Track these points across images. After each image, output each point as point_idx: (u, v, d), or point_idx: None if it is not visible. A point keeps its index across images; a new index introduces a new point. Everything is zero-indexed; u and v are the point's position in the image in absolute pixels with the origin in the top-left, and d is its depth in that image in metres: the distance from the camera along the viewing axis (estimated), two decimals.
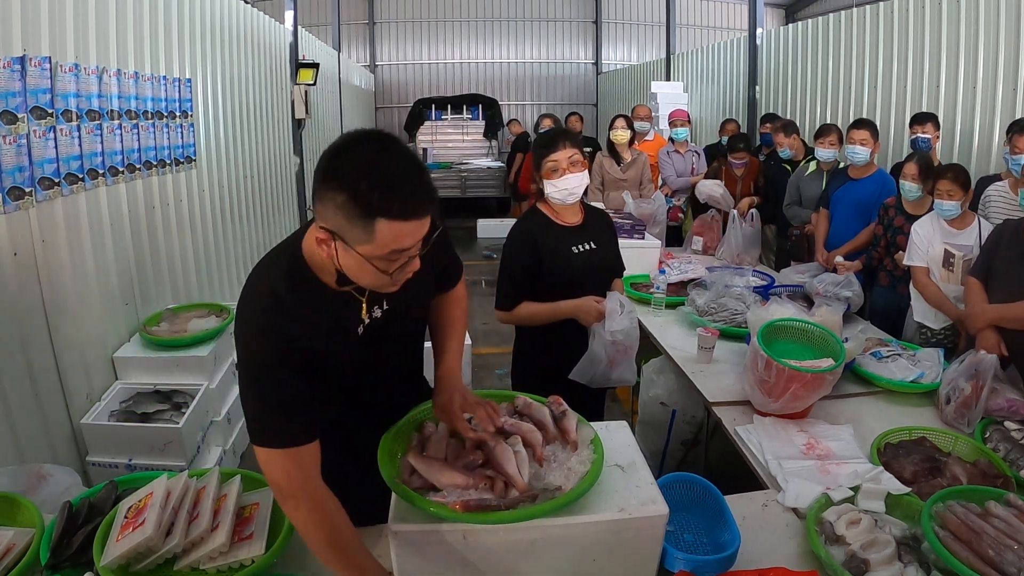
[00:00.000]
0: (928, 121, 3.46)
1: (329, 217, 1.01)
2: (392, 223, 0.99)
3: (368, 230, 0.99)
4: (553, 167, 1.99)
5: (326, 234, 1.03)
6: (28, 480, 1.93)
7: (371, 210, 0.97)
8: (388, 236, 1.00)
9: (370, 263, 1.03)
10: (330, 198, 0.99)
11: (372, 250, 1.01)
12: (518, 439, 1.24)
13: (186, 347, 2.89)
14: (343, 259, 1.05)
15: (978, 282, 2.35)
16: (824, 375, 1.86)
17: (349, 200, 0.97)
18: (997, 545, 1.25)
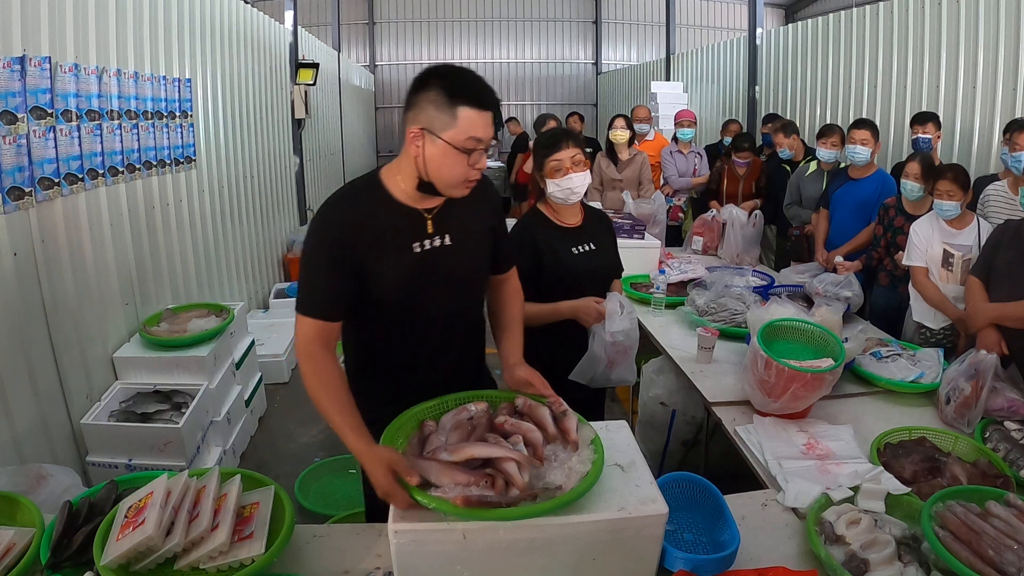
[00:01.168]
0: (929, 121, 3.46)
1: (421, 113, 1.27)
2: (470, 110, 1.25)
3: (452, 115, 1.25)
4: (556, 166, 1.99)
5: (417, 130, 1.27)
6: (28, 480, 1.93)
7: (456, 97, 1.24)
8: (467, 122, 1.25)
9: (453, 148, 1.26)
10: (422, 96, 1.27)
11: (455, 135, 1.26)
12: (519, 438, 1.24)
13: (186, 347, 2.89)
14: (428, 151, 1.28)
15: (979, 281, 2.35)
16: (824, 375, 1.86)
17: (438, 92, 1.25)
18: (997, 545, 1.25)
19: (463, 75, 1.28)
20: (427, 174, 1.31)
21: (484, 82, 1.29)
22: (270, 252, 5.44)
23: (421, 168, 1.31)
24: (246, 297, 4.68)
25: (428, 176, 1.32)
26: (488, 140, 1.29)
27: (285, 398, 3.90)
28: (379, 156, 13.02)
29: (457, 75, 1.28)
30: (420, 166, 1.31)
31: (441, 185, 1.33)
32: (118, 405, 2.68)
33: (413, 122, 1.29)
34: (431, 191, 1.35)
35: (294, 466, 3.03)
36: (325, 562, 1.37)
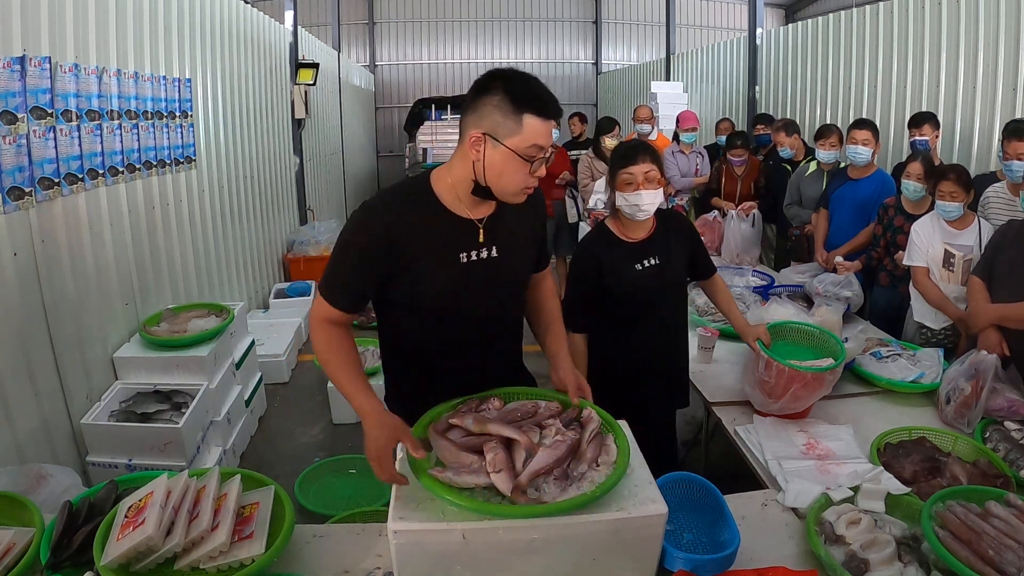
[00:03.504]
0: (925, 123, 3.45)
1: (484, 118, 1.26)
2: (536, 119, 1.24)
3: (518, 122, 1.24)
4: (628, 180, 1.92)
5: (479, 135, 1.26)
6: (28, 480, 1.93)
7: (522, 105, 1.24)
8: (531, 130, 1.24)
9: (516, 155, 1.25)
10: (487, 101, 1.25)
11: (519, 142, 1.25)
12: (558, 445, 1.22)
13: (186, 347, 2.89)
14: (490, 157, 1.27)
15: (981, 282, 2.35)
16: (824, 375, 1.86)
17: (505, 99, 1.24)
18: (997, 545, 1.25)
19: (529, 82, 1.27)
20: (486, 179, 1.30)
21: (548, 90, 1.29)
22: (270, 252, 5.44)
23: (480, 173, 1.30)
24: (246, 297, 4.68)
25: (487, 181, 1.30)
26: (548, 148, 1.29)
27: (285, 398, 3.90)
28: (379, 156, 13.02)
29: (523, 81, 1.27)
30: (479, 171, 1.29)
31: (499, 191, 1.32)
32: (118, 405, 2.68)
33: (474, 126, 1.27)
34: (487, 196, 1.34)
35: (294, 466, 3.03)
36: (325, 562, 1.37)
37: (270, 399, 3.78)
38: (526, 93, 1.25)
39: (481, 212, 1.39)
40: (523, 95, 1.24)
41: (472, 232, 1.38)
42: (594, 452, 1.24)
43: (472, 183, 1.32)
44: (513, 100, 1.24)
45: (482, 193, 1.33)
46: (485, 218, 1.39)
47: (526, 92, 1.25)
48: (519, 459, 1.19)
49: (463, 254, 1.37)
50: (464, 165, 1.32)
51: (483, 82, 1.28)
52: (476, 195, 1.34)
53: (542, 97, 1.26)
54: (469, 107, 1.29)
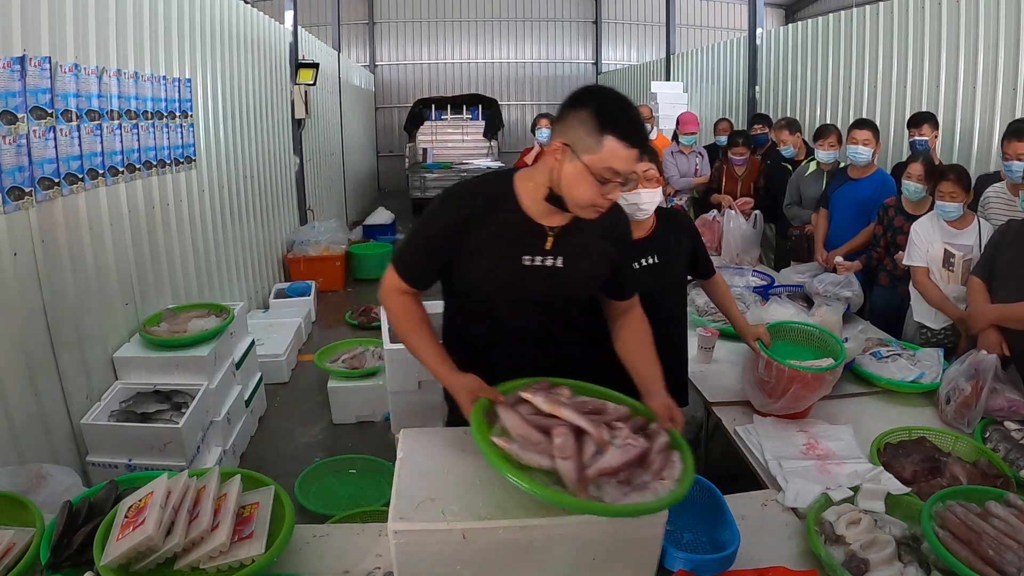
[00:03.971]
0: (924, 123, 3.45)
1: (567, 131, 1.27)
2: (617, 143, 1.24)
3: (598, 142, 1.24)
4: None
5: (560, 145, 1.28)
6: (28, 480, 1.93)
7: (605, 125, 1.23)
8: (610, 153, 1.24)
9: (589, 172, 1.25)
10: (573, 115, 1.27)
11: (595, 161, 1.25)
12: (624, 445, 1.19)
13: (186, 347, 2.89)
14: (566, 168, 1.28)
15: (980, 282, 2.35)
16: (824, 375, 1.86)
17: (591, 115, 1.24)
18: (997, 545, 1.25)
19: (620, 104, 1.28)
20: (559, 188, 1.32)
21: (639, 117, 1.29)
22: (270, 252, 5.44)
23: (555, 181, 1.32)
24: (246, 297, 4.68)
25: (559, 190, 1.32)
26: (627, 175, 1.28)
27: (285, 398, 3.90)
28: (379, 156, 13.03)
29: (614, 103, 1.27)
30: (554, 179, 1.32)
31: (570, 203, 1.33)
32: (118, 405, 2.68)
33: (559, 135, 1.30)
34: (559, 205, 1.35)
35: (294, 466, 3.03)
36: (325, 562, 1.37)
37: (270, 399, 3.78)
38: (614, 115, 1.25)
39: (555, 220, 1.40)
40: (610, 117, 1.24)
41: (541, 238, 1.40)
42: (660, 464, 1.19)
43: (547, 189, 1.35)
44: (599, 119, 1.24)
45: (555, 202, 1.35)
46: (558, 227, 1.41)
47: (614, 114, 1.25)
48: (587, 452, 1.16)
49: (527, 257, 1.40)
50: (543, 171, 1.34)
51: (578, 95, 1.29)
52: (549, 202, 1.36)
53: (630, 123, 1.26)
54: (560, 116, 1.31)
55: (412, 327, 1.44)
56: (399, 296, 1.46)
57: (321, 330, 5.04)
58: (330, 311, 5.43)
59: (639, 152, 1.27)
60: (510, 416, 1.22)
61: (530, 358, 1.48)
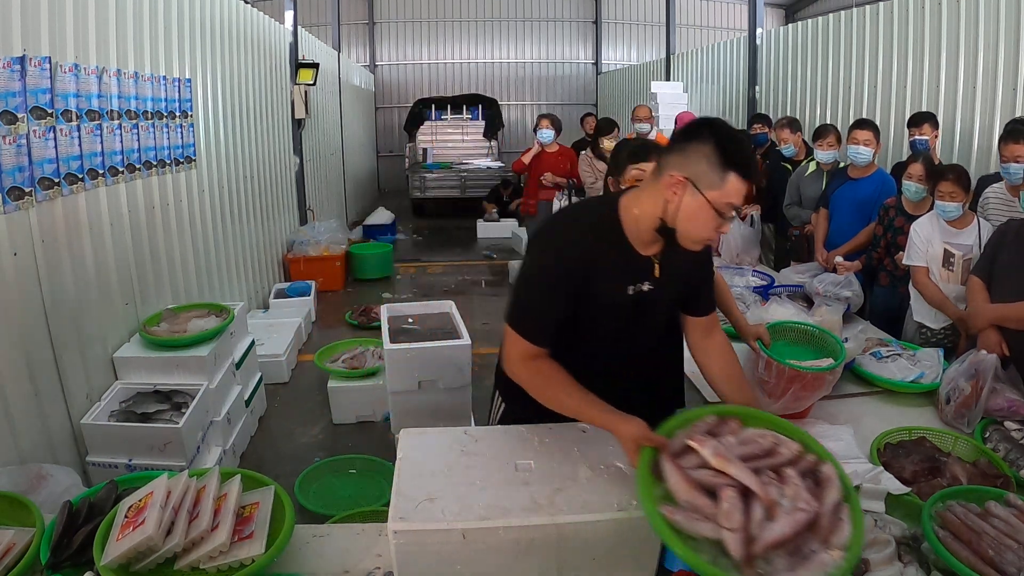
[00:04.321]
0: (925, 123, 3.46)
1: (689, 164, 1.27)
2: (739, 179, 1.26)
3: (722, 178, 1.26)
4: (639, 176, 1.94)
5: (681, 179, 1.27)
6: (28, 480, 1.93)
7: (730, 162, 1.25)
8: (732, 189, 1.26)
9: (712, 207, 1.27)
10: (695, 148, 1.27)
11: (718, 196, 1.26)
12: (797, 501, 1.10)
13: (186, 347, 2.89)
14: (686, 202, 1.28)
15: (980, 281, 2.35)
16: (824, 375, 1.86)
17: (715, 151, 1.25)
18: (997, 545, 1.24)
19: (740, 140, 1.30)
20: (674, 221, 1.31)
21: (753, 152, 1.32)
22: (270, 252, 5.44)
23: (670, 214, 1.31)
24: (246, 297, 4.68)
25: (674, 223, 1.32)
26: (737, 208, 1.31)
27: (285, 398, 3.90)
28: (379, 156, 13.03)
29: (734, 139, 1.29)
30: (670, 212, 1.31)
31: (683, 236, 1.33)
32: (118, 405, 2.68)
33: (678, 168, 1.28)
34: (668, 237, 1.36)
35: (294, 466, 3.03)
36: (325, 562, 1.37)
37: (270, 399, 3.78)
38: (736, 152, 1.27)
39: (655, 248, 1.41)
40: (733, 153, 1.26)
41: (648, 267, 1.41)
42: (829, 527, 1.08)
43: (658, 221, 1.34)
44: (723, 155, 1.25)
45: (665, 233, 1.35)
46: (659, 254, 1.42)
47: (736, 151, 1.27)
48: (755, 517, 1.07)
49: (631, 287, 1.41)
50: (654, 202, 1.33)
51: (695, 128, 1.30)
52: (659, 233, 1.36)
53: (749, 159, 1.29)
54: (676, 148, 1.31)
55: (559, 389, 1.35)
56: (531, 363, 1.37)
57: (321, 330, 5.04)
58: (330, 311, 5.43)
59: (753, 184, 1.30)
60: (675, 475, 1.13)
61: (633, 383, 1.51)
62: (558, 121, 5.30)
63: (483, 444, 1.38)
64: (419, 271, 7.00)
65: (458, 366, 2.72)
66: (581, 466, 1.31)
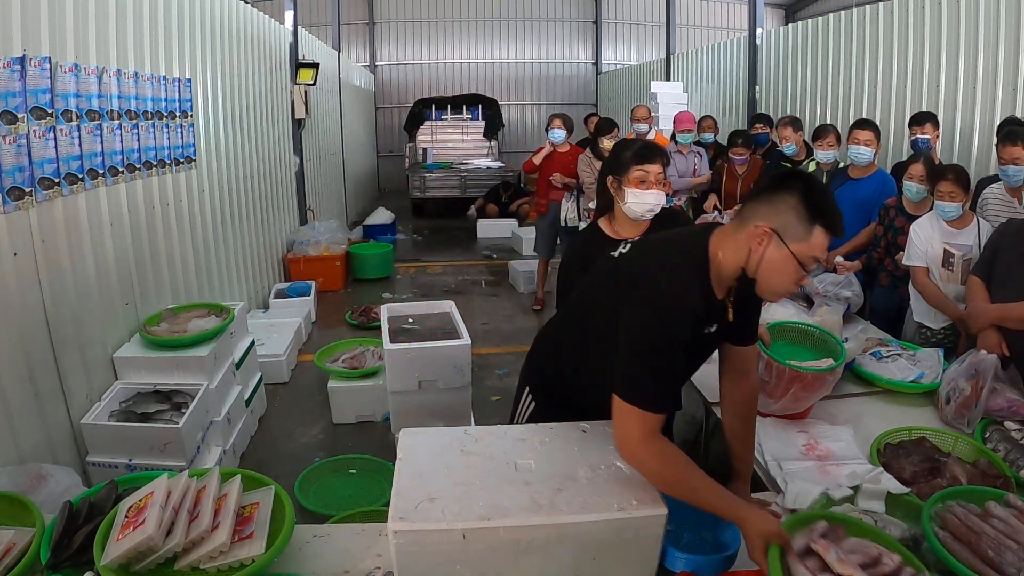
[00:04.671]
0: (927, 122, 3.46)
1: (777, 215, 1.26)
2: (824, 234, 1.25)
3: (808, 231, 1.24)
4: (642, 177, 1.94)
5: (767, 230, 1.25)
6: (28, 480, 1.93)
7: (816, 216, 1.24)
8: (817, 242, 1.25)
9: (797, 260, 1.25)
10: (784, 200, 1.25)
11: (803, 249, 1.25)
12: None
13: (186, 347, 2.89)
14: (770, 254, 1.26)
15: (980, 281, 2.35)
16: (824, 375, 1.86)
17: (802, 203, 1.24)
18: (997, 546, 1.25)
19: (827, 193, 1.29)
20: (756, 272, 1.29)
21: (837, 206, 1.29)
22: (270, 252, 5.44)
23: (752, 265, 1.29)
24: (246, 297, 4.68)
25: (755, 274, 1.30)
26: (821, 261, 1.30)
27: (285, 398, 3.90)
28: (379, 156, 13.03)
29: (822, 192, 1.28)
30: (752, 262, 1.29)
31: (763, 288, 1.32)
32: (118, 405, 2.68)
33: (764, 219, 1.27)
34: (745, 286, 1.34)
35: (294, 466, 3.03)
36: (325, 562, 1.37)
37: (270, 399, 3.78)
38: (824, 205, 1.25)
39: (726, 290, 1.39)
40: (821, 206, 1.25)
41: (723, 310, 1.39)
42: None
43: (739, 270, 1.31)
44: (810, 207, 1.24)
45: (743, 283, 1.33)
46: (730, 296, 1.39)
47: (823, 204, 1.25)
48: None
49: (707, 328, 1.38)
50: (737, 250, 1.30)
51: (783, 179, 1.29)
52: (738, 282, 1.34)
53: (836, 213, 1.27)
54: (762, 198, 1.30)
55: (687, 475, 1.26)
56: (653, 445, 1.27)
57: (321, 330, 5.04)
58: (330, 311, 5.43)
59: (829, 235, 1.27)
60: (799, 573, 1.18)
61: None
62: (570, 121, 5.27)
63: (483, 444, 1.38)
64: (419, 271, 7.00)
65: (458, 366, 2.72)
66: (581, 466, 1.31)
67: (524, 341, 4.79)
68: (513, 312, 5.54)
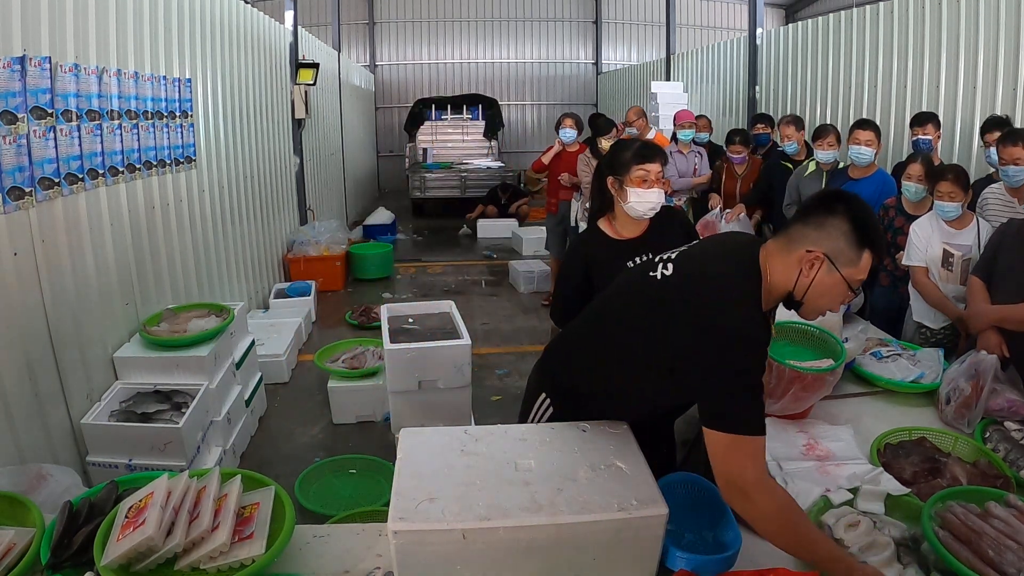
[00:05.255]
0: (928, 122, 3.46)
1: (828, 240, 1.27)
2: (871, 258, 1.27)
3: (858, 255, 1.26)
4: (644, 176, 1.94)
5: (820, 255, 1.27)
6: (28, 480, 1.93)
7: (866, 241, 1.26)
8: (865, 266, 1.27)
9: (847, 283, 1.27)
10: (834, 225, 1.27)
11: (853, 273, 1.27)
12: None
13: (186, 347, 2.89)
14: (821, 278, 1.28)
15: (981, 282, 2.35)
16: (824, 376, 1.86)
17: (854, 230, 1.26)
18: (997, 546, 1.25)
19: (875, 217, 1.32)
20: (804, 295, 1.30)
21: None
22: (270, 252, 5.44)
23: (800, 288, 1.30)
24: (246, 297, 4.68)
25: (802, 297, 1.31)
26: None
27: (285, 398, 3.90)
28: (379, 156, 13.03)
29: (871, 217, 1.30)
30: (801, 286, 1.30)
31: (810, 310, 1.33)
32: (118, 405, 2.68)
33: (815, 244, 1.27)
34: (791, 307, 1.35)
35: (294, 466, 3.03)
36: (325, 562, 1.37)
37: (270, 399, 3.78)
38: (873, 230, 1.28)
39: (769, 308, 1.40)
40: (869, 231, 1.27)
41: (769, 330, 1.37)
42: None
43: (787, 293, 1.32)
44: (859, 232, 1.26)
45: (789, 305, 1.35)
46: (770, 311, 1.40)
47: (873, 229, 1.28)
48: None
49: None
50: (787, 274, 1.30)
51: (830, 202, 1.30)
52: (785, 305, 1.36)
53: (882, 238, 1.30)
54: (812, 221, 1.30)
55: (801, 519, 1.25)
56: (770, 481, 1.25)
57: (321, 330, 5.05)
58: (330, 311, 5.43)
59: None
60: None
61: None
62: (581, 121, 5.27)
63: (483, 444, 1.38)
64: (419, 271, 7.00)
65: (458, 366, 2.72)
66: (581, 466, 1.31)
67: (524, 341, 4.79)
68: (513, 312, 5.54)
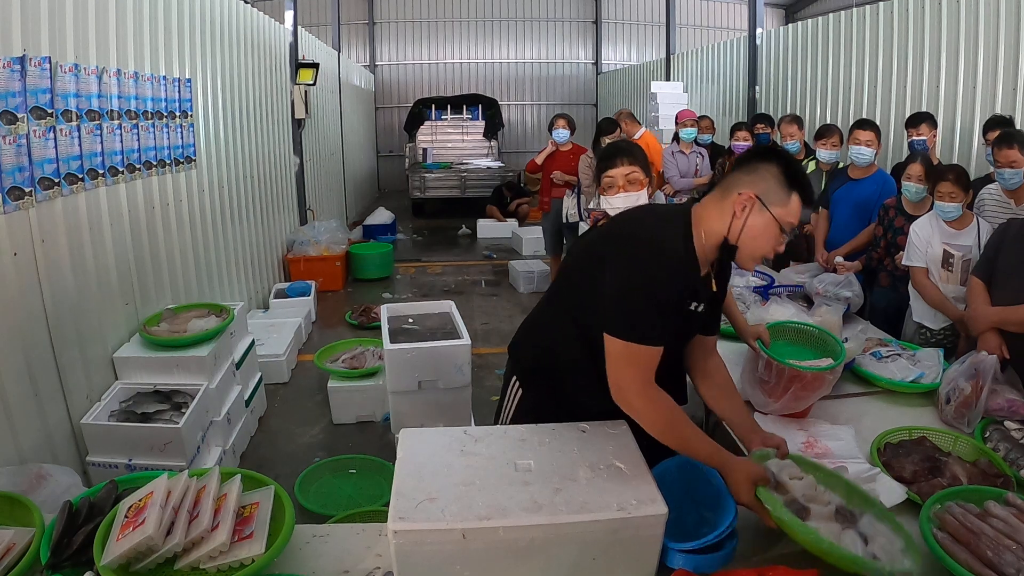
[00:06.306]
0: (922, 123, 3.46)
1: (760, 181, 1.35)
2: (799, 202, 1.37)
3: (787, 197, 1.36)
4: (609, 183, 1.95)
5: (751, 195, 1.34)
6: (28, 480, 1.93)
7: (795, 184, 1.36)
8: (794, 209, 1.37)
9: (779, 224, 1.35)
10: (765, 168, 1.36)
11: (783, 214, 1.36)
12: None
13: (186, 347, 2.89)
14: (752, 219, 1.35)
15: (981, 283, 2.34)
16: (824, 375, 1.86)
17: (783, 172, 1.35)
18: (996, 546, 1.24)
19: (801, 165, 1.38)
20: (738, 238, 1.36)
21: None
22: (270, 252, 5.44)
23: (735, 232, 1.36)
24: (246, 297, 4.69)
25: (737, 240, 1.36)
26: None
27: (285, 398, 3.90)
28: (379, 156, 13.03)
29: (800, 165, 1.39)
30: (734, 229, 1.36)
31: (744, 254, 1.39)
32: (118, 405, 2.68)
33: (748, 186, 1.36)
34: (727, 255, 1.40)
35: (294, 466, 3.03)
36: (325, 562, 1.37)
37: (270, 399, 3.78)
38: (799, 174, 1.37)
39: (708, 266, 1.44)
40: (797, 175, 1.36)
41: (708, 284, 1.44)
42: None
43: (722, 239, 1.38)
44: (788, 176, 1.35)
45: (724, 251, 1.40)
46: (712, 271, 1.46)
47: (800, 173, 1.37)
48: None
49: (693, 303, 1.42)
50: (722, 220, 1.38)
51: (762, 151, 1.41)
52: (720, 250, 1.40)
53: (810, 184, 1.40)
54: (745, 168, 1.39)
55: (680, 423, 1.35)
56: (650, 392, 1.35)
57: (321, 330, 5.05)
58: (330, 311, 5.43)
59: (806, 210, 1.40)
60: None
61: None
62: (573, 122, 5.32)
63: (483, 444, 1.38)
64: (419, 271, 7.00)
65: (458, 366, 2.72)
66: (581, 466, 1.31)
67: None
68: (513, 312, 5.54)
